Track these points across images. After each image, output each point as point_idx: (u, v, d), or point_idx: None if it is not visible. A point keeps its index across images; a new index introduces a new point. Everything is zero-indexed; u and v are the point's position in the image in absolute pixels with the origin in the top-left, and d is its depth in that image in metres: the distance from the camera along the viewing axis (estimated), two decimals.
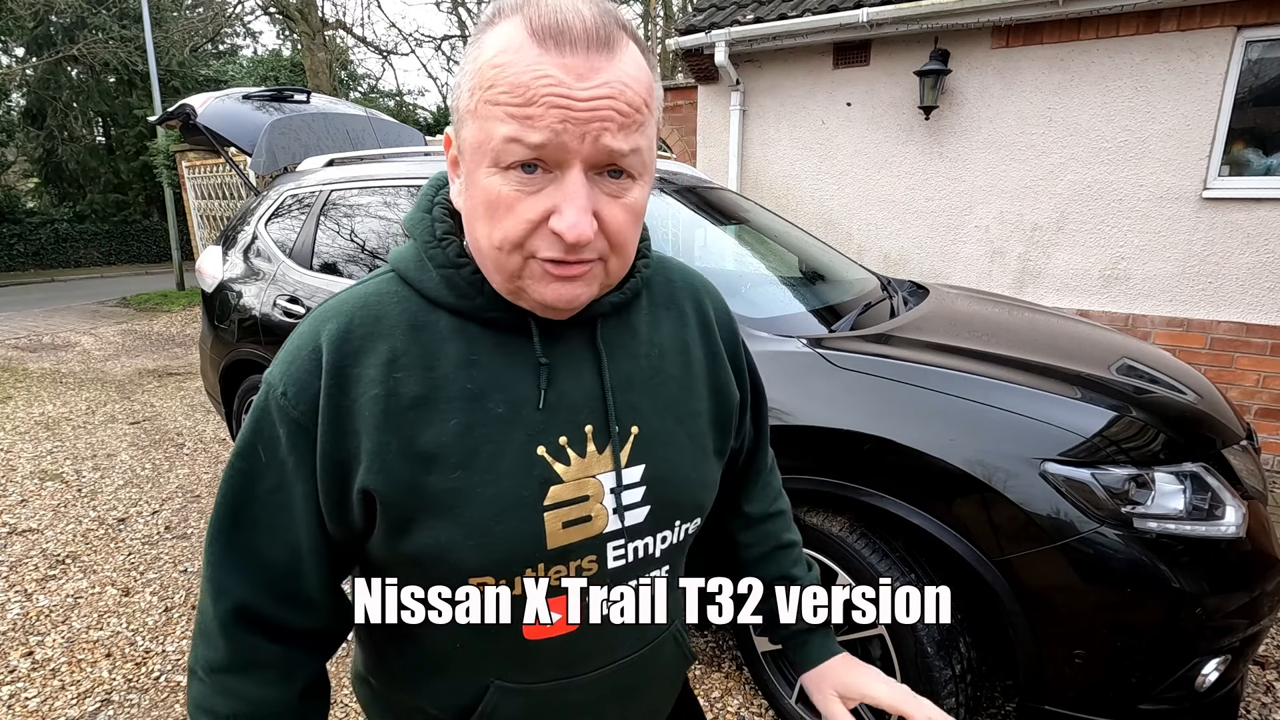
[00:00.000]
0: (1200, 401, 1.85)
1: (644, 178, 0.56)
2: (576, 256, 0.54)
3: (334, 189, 2.97)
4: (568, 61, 0.50)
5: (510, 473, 0.59)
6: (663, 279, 0.73)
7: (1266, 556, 1.59)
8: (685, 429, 0.69)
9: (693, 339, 0.72)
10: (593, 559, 0.64)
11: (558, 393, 0.62)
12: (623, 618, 0.67)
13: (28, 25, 16.92)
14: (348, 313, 0.61)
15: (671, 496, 0.67)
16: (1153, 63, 3.79)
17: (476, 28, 0.55)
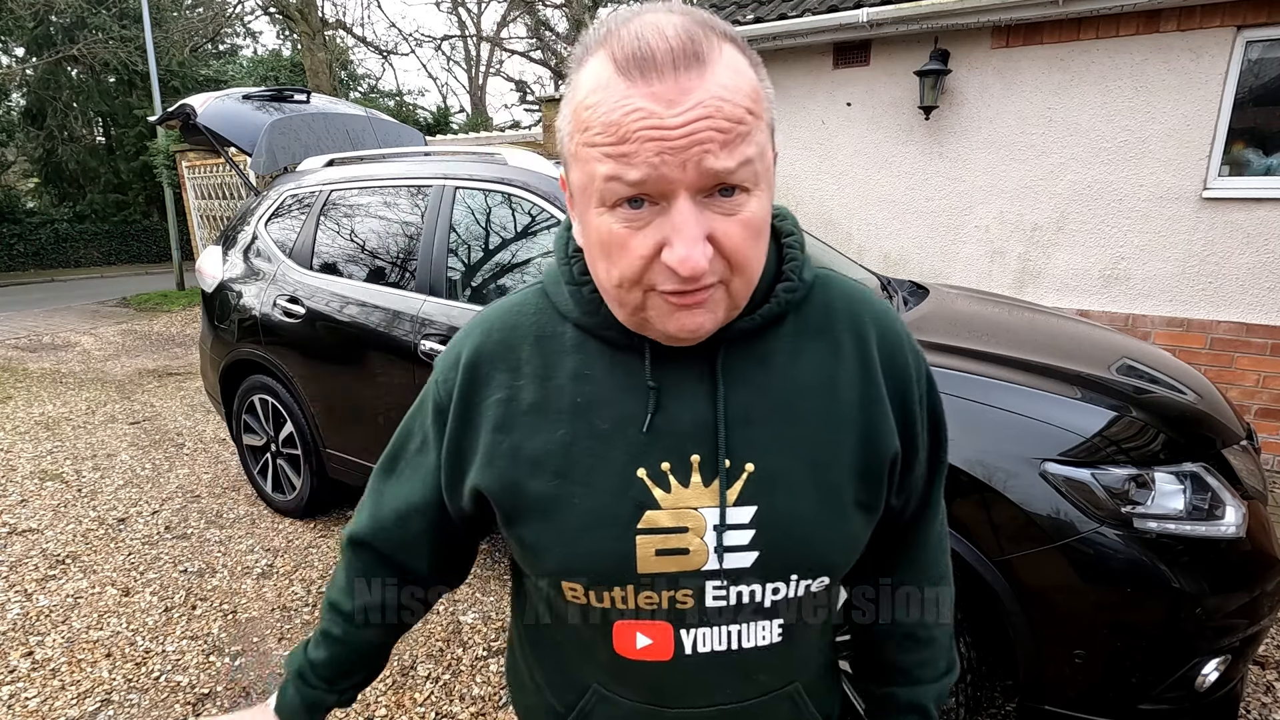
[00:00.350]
0: (1200, 401, 1.85)
1: (759, 188, 0.52)
2: (695, 285, 0.52)
3: (334, 189, 2.97)
4: (655, 90, 0.48)
5: (606, 489, 0.60)
6: (821, 303, 0.64)
7: (1266, 556, 1.59)
8: (816, 475, 0.60)
9: (844, 375, 0.62)
10: (688, 593, 0.61)
11: (666, 417, 0.60)
12: (720, 662, 0.63)
13: (28, 25, 16.91)
14: (492, 319, 0.68)
15: (786, 546, 0.60)
16: (1153, 63, 3.79)
17: (570, 66, 0.54)
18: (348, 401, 2.76)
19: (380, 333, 2.56)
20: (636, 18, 0.50)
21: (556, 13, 22.23)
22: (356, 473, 2.87)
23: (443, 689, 2.12)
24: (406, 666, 2.22)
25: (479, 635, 2.37)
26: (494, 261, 2.44)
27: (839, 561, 0.63)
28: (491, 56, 23.76)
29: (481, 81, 23.75)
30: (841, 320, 0.64)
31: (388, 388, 2.58)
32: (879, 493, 0.64)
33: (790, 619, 0.64)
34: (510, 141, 8.04)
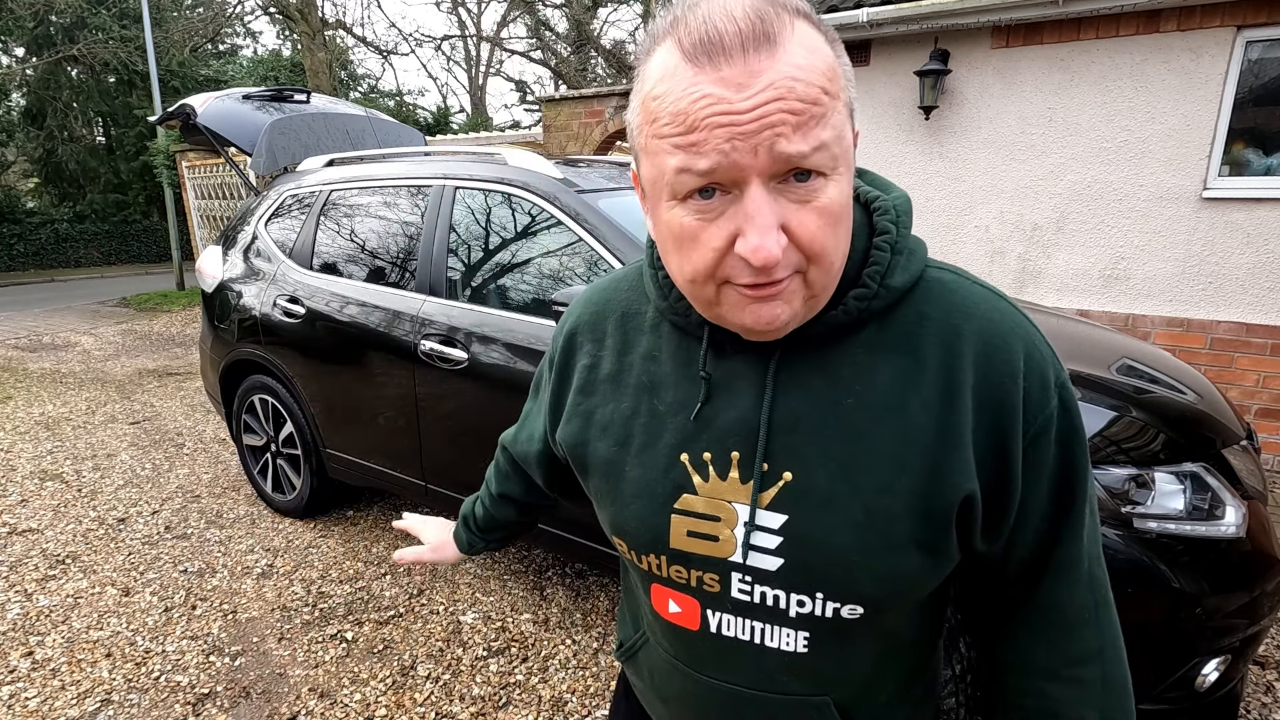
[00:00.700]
0: (1200, 401, 1.85)
1: (838, 172, 0.49)
2: (769, 277, 0.50)
3: (334, 189, 2.97)
4: (724, 75, 0.46)
5: (653, 465, 0.63)
6: (915, 313, 0.58)
7: (1266, 556, 1.59)
8: (864, 501, 0.56)
9: (920, 397, 0.56)
10: (715, 579, 0.62)
11: (715, 409, 0.61)
12: (742, 650, 0.64)
13: (28, 25, 16.91)
14: (594, 292, 0.75)
15: (811, 563, 0.58)
16: (1153, 63, 3.79)
17: (638, 57, 0.53)
18: (348, 401, 2.76)
19: (380, 333, 2.56)
20: (704, 1, 0.49)
21: (556, 13, 22.22)
22: (356, 473, 2.87)
23: (443, 689, 2.12)
24: (406, 666, 2.22)
25: (479, 635, 2.38)
26: (494, 261, 2.44)
27: (876, 594, 0.57)
28: (491, 56, 23.77)
29: (481, 81, 23.75)
30: (933, 334, 0.57)
31: (388, 388, 2.58)
32: (944, 536, 0.57)
33: (819, 635, 0.61)
34: (510, 141, 8.05)
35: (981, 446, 0.56)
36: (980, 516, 0.57)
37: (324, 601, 2.58)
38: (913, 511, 0.56)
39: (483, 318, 2.32)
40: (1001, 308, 0.58)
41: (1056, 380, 0.57)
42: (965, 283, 0.60)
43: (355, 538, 3.06)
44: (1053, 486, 0.58)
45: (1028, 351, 0.57)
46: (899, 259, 0.58)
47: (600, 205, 2.22)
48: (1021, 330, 0.57)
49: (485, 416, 2.31)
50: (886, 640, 0.64)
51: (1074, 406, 0.58)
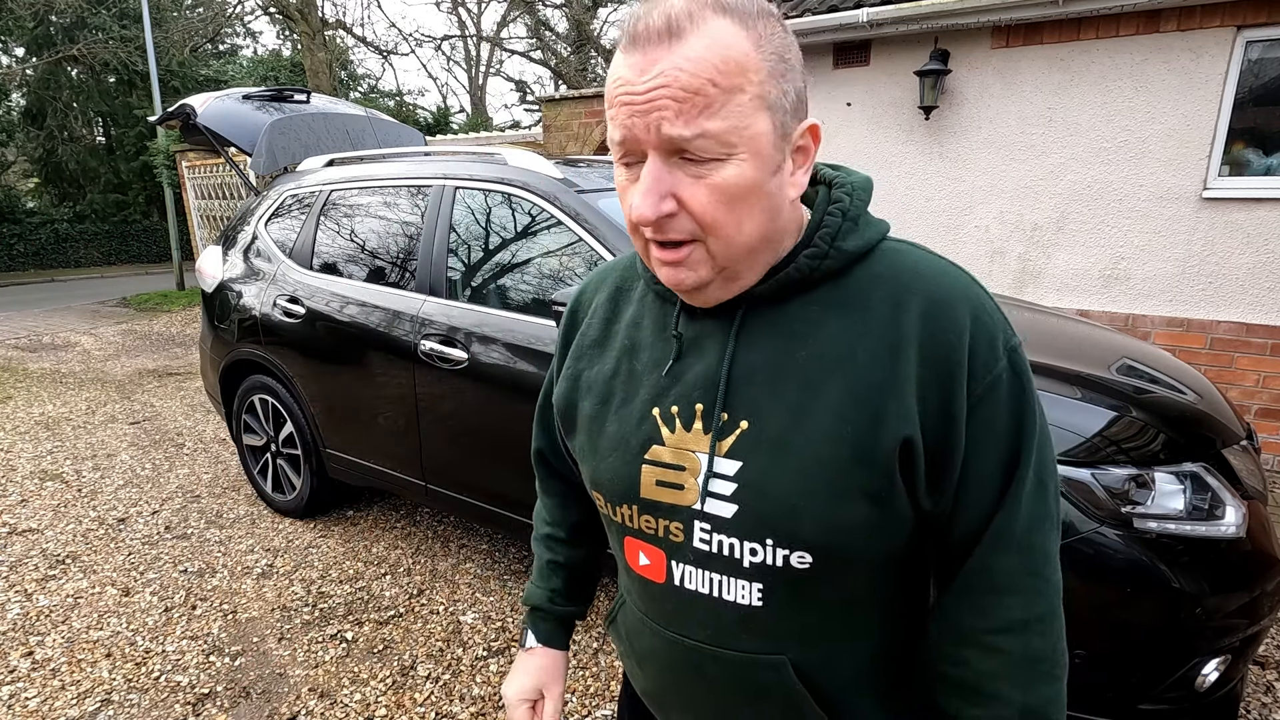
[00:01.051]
0: (1200, 401, 1.85)
1: (737, 157, 0.54)
2: (662, 236, 0.58)
3: (334, 189, 2.97)
4: (634, 60, 0.54)
5: (628, 420, 0.69)
6: (868, 274, 0.61)
7: (1266, 556, 1.59)
8: (814, 448, 0.59)
9: (868, 349, 0.59)
10: (679, 528, 0.66)
11: (684, 365, 0.66)
12: (703, 604, 0.66)
13: (28, 25, 16.91)
14: (596, 271, 0.82)
15: (760, 507, 0.61)
16: (1153, 63, 3.79)
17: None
18: (348, 401, 2.76)
19: (380, 333, 2.56)
20: (649, 4, 0.56)
21: (556, 13, 22.22)
22: (356, 473, 2.87)
23: (443, 689, 2.12)
24: (406, 666, 2.22)
25: (479, 635, 2.38)
26: (494, 261, 2.44)
27: (821, 541, 0.59)
28: (491, 56, 23.76)
29: (481, 81, 23.74)
30: (882, 292, 0.60)
31: (388, 388, 2.58)
32: (888, 484, 0.58)
33: (773, 586, 0.62)
34: (510, 141, 8.04)
35: (926, 399, 0.58)
36: (923, 468, 0.59)
37: (324, 601, 2.58)
38: (857, 458, 0.58)
39: (483, 318, 2.32)
40: (953, 273, 0.61)
41: (1006, 343, 0.59)
42: (920, 252, 0.63)
43: (355, 538, 3.06)
44: (999, 449, 0.59)
45: (975, 313, 0.59)
46: (850, 225, 0.62)
47: (600, 205, 2.22)
48: (970, 293, 0.60)
49: (485, 416, 2.31)
50: (845, 604, 0.64)
51: (1024, 371, 0.60)
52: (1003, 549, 0.60)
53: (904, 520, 0.61)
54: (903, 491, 0.59)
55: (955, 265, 0.63)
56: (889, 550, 0.62)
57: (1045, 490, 0.61)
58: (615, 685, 2.13)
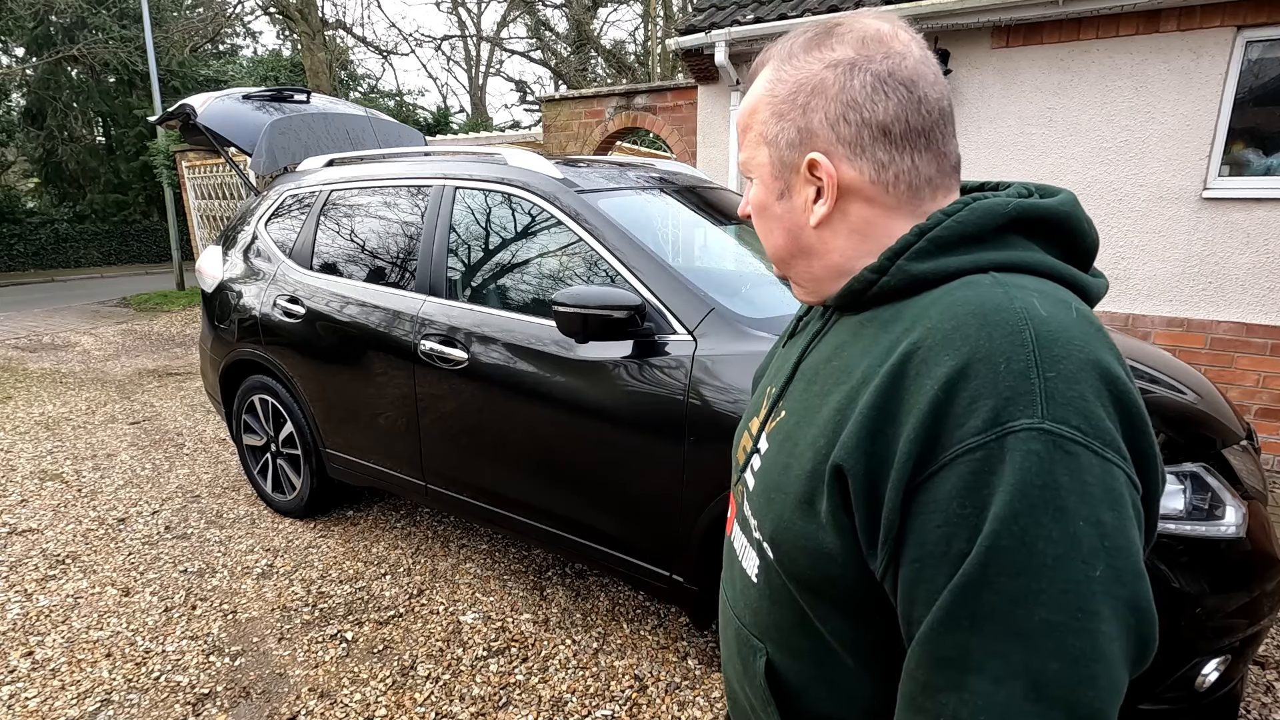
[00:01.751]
0: (1200, 401, 1.85)
1: (754, 180, 0.68)
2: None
3: (334, 189, 2.97)
4: None
5: (758, 395, 0.78)
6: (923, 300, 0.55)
7: (1266, 556, 1.59)
8: (799, 450, 0.60)
9: (863, 369, 0.56)
10: (741, 490, 0.72)
11: (785, 356, 0.74)
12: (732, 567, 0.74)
13: (28, 25, 16.91)
14: None
15: (756, 491, 0.67)
16: (1153, 63, 3.79)
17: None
18: (348, 401, 2.76)
19: (380, 333, 2.56)
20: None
21: (556, 13, 22.22)
22: (356, 473, 2.87)
23: (443, 689, 2.12)
24: (406, 666, 2.22)
25: (479, 635, 2.38)
26: (494, 262, 2.44)
27: (775, 540, 0.61)
28: (491, 56, 23.76)
29: (481, 81, 23.74)
30: (907, 320, 0.54)
31: (388, 388, 2.58)
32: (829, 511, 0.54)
33: (763, 567, 0.66)
34: (510, 141, 8.04)
35: (873, 436, 0.50)
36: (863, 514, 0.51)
37: (324, 601, 2.58)
38: (817, 473, 0.56)
39: (483, 318, 2.32)
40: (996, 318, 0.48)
41: (1002, 419, 0.44)
42: (994, 289, 0.51)
43: (355, 538, 3.06)
44: (938, 573, 0.46)
45: (974, 364, 0.46)
46: (927, 246, 0.56)
47: (600, 205, 2.22)
48: (992, 343, 0.47)
49: (485, 416, 2.31)
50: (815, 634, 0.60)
51: (1019, 466, 0.43)
52: (929, 674, 0.47)
53: (855, 566, 0.53)
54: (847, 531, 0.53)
55: (1029, 315, 0.48)
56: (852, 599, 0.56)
57: (1027, 643, 0.43)
58: (615, 685, 2.14)
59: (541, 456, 2.20)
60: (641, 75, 19.53)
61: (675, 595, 2.05)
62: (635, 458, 1.98)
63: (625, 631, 2.40)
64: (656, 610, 2.52)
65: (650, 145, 11.84)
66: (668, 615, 2.50)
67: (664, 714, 2.02)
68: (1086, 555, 0.42)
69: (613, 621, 2.45)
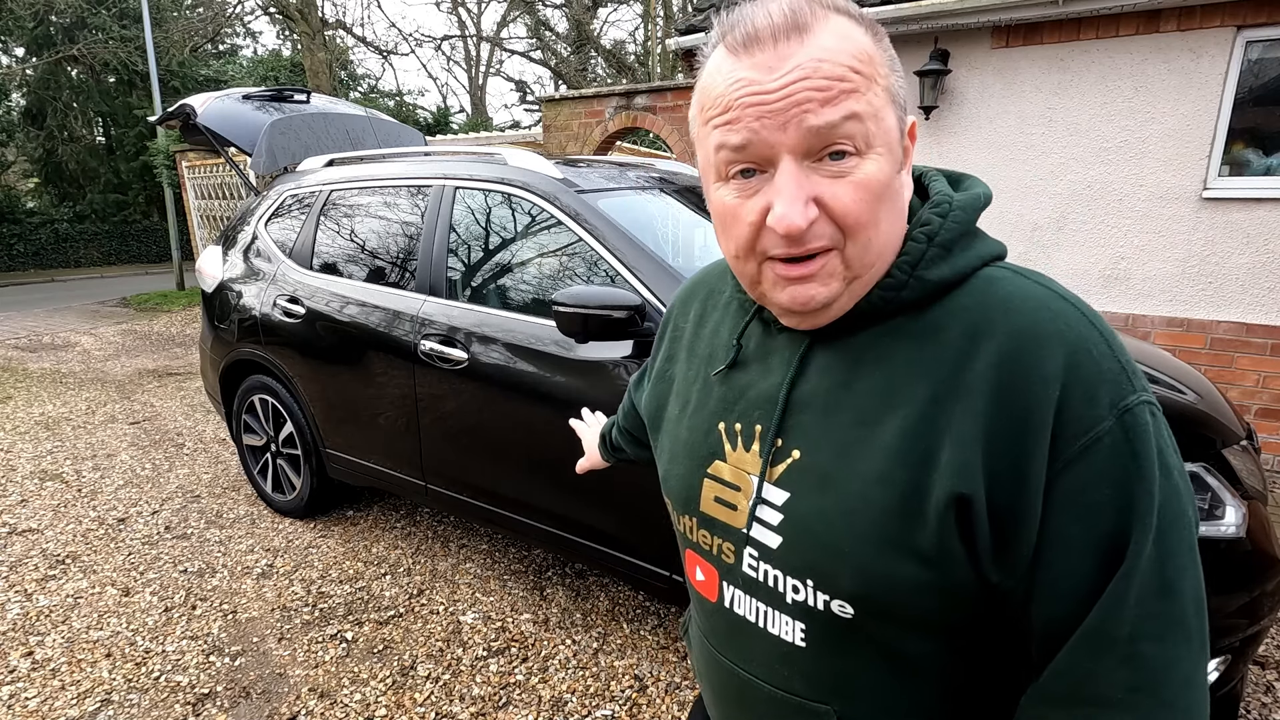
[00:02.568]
0: (1200, 401, 1.85)
1: (875, 150, 0.51)
2: (802, 249, 0.52)
3: (334, 189, 2.97)
4: (757, 60, 0.51)
5: (697, 429, 0.68)
6: (954, 305, 0.54)
7: (1266, 556, 1.59)
8: (860, 488, 0.54)
9: (932, 389, 0.52)
10: (731, 549, 0.64)
11: (747, 381, 0.64)
12: (751, 632, 0.64)
13: (28, 25, 16.91)
14: (698, 272, 0.81)
15: (804, 547, 0.57)
16: (1153, 63, 3.79)
17: (698, 66, 0.58)
18: (348, 401, 2.76)
19: (380, 333, 2.56)
20: (750, 5, 0.53)
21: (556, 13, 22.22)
22: (356, 473, 2.87)
23: (443, 689, 2.12)
24: (406, 666, 2.22)
25: (479, 635, 2.38)
26: (494, 262, 2.44)
27: (861, 593, 0.54)
28: (491, 56, 23.77)
29: (481, 81, 23.75)
30: (960, 327, 0.53)
31: (388, 388, 2.58)
32: (937, 543, 0.51)
33: (816, 629, 0.58)
34: (510, 141, 8.04)
35: (994, 452, 0.49)
36: (988, 533, 0.50)
37: (324, 601, 2.58)
38: (906, 509, 0.52)
39: (483, 318, 2.32)
40: (1055, 307, 0.51)
41: (1117, 399, 0.48)
42: (1024, 280, 0.54)
43: (355, 538, 3.06)
44: (1094, 530, 0.48)
45: (1073, 356, 0.49)
46: (939, 252, 0.55)
47: (600, 205, 2.22)
48: (1073, 332, 0.50)
49: (485, 416, 2.31)
50: (896, 665, 0.57)
51: (1144, 437, 0.48)
52: (1103, 655, 0.48)
53: (965, 587, 0.52)
54: (960, 557, 0.51)
55: (1067, 297, 0.53)
56: (951, 617, 0.55)
57: (1174, 595, 0.48)
58: (615, 685, 2.14)
59: (541, 456, 2.20)
60: (641, 75, 19.54)
61: (675, 595, 2.05)
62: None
63: (625, 631, 2.40)
64: (656, 610, 2.52)
65: (650, 145, 11.84)
66: (668, 615, 2.50)
67: (664, 714, 2.02)
68: (1186, 502, 0.50)
69: (613, 621, 2.45)
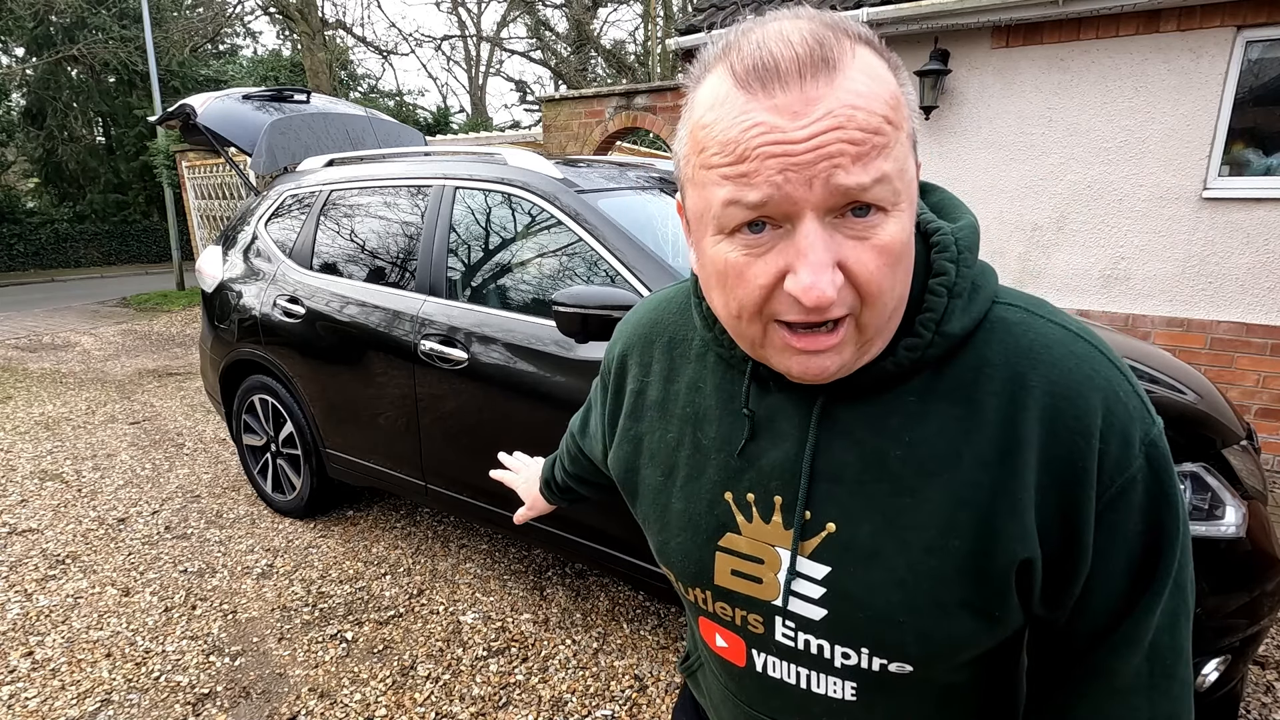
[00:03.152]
0: (1200, 401, 1.85)
1: (899, 207, 0.46)
2: (821, 317, 0.47)
3: (334, 189, 2.97)
4: (779, 102, 0.44)
5: (697, 499, 0.62)
6: (975, 358, 0.52)
7: (1266, 556, 1.59)
8: (911, 559, 0.53)
9: (976, 453, 0.51)
10: (759, 620, 0.60)
11: (758, 448, 0.59)
12: (789, 692, 0.62)
13: (28, 25, 16.91)
14: (643, 311, 0.73)
15: (856, 619, 0.55)
16: (1153, 63, 3.79)
17: (688, 84, 0.51)
18: (348, 401, 2.76)
19: (380, 333, 2.56)
20: (759, 26, 0.47)
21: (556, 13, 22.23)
22: (356, 473, 2.87)
23: (443, 689, 2.12)
24: (406, 666, 2.22)
25: (479, 635, 2.38)
26: (494, 262, 2.44)
27: (924, 655, 0.54)
28: (491, 56, 23.77)
29: (481, 81, 23.75)
30: (994, 382, 0.51)
31: (388, 388, 2.58)
32: (1000, 601, 0.52)
33: (868, 685, 0.58)
34: (510, 141, 8.04)
35: (1046, 511, 0.50)
36: (1040, 582, 0.52)
37: (324, 601, 2.58)
38: (963, 574, 0.51)
39: (483, 318, 2.32)
40: (1078, 351, 0.51)
41: (1144, 438, 0.50)
42: (1037, 321, 0.53)
43: (355, 538, 3.06)
44: (1130, 557, 0.51)
45: (1108, 405, 0.49)
46: (957, 303, 0.52)
47: (600, 205, 2.22)
48: (1102, 377, 0.50)
49: (485, 416, 2.31)
50: (944, 694, 0.59)
51: (1165, 468, 0.50)
52: (1130, 654, 0.52)
53: (1012, 626, 0.55)
54: (1016, 606, 0.53)
55: (1083, 334, 0.52)
56: (994, 648, 0.57)
57: (1183, 589, 0.53)
58: (615, 685, 2.14)
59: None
60: (641, 75, 19.54)
61: (675, 595, 2.05)
62: None
63: (625, 631, 2.40)
64: (656, 610, 2.52)
65: (650, 145, 11.84)
66: (668, 615, 2.50)
67: (664, 714, 2.02)
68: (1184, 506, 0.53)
69: (613, 621, 2.45)
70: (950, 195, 0.59)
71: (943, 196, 0.59)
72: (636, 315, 0.73)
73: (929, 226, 0.55)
